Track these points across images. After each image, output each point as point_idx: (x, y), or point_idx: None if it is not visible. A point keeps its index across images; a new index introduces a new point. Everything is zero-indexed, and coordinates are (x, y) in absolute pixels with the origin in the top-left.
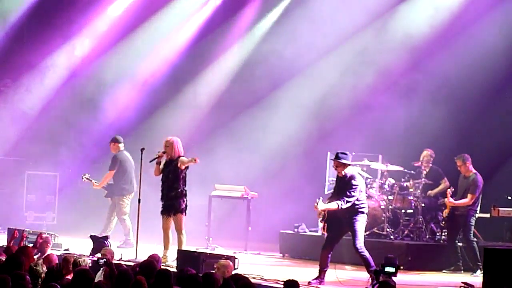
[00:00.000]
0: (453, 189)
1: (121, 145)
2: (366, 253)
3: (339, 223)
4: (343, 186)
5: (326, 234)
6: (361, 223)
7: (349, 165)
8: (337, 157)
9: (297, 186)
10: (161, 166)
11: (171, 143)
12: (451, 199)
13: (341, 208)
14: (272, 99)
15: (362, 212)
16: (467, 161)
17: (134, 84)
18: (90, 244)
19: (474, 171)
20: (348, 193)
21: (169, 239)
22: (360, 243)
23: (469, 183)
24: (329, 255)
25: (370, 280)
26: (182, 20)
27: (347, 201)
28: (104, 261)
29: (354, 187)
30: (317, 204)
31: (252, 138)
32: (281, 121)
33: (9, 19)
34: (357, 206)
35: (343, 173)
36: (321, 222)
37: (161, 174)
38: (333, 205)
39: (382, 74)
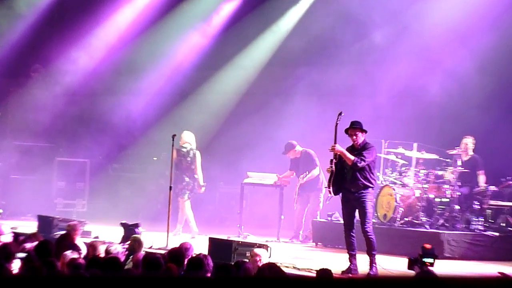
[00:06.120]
0: None
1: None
2: (374, 237)
3: (346, 199)
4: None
5: (331, 191)
6: (371, 203)
7: (366, 132)
8: (355, 123)
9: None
10: None
11: None
12: None
13: (355, 163)
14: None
15: (372, 187)
16: None
17: (162, 72)
18: (120, 232)
19: None
20: (365, 154)
21: None
22: (370, 225)
23: None
24: (353, 235)
25: (369, 266)
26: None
27: (362, 160)
28: None
29: (371, 149)
30: (336, 145)
31: (285, 126)
32: (312, 109)
33: (39, 6)
34: (369, 180)
35: (360, 142)
36: (329, 181)
37: None
38: (350, 156)
39: (422, 58)
